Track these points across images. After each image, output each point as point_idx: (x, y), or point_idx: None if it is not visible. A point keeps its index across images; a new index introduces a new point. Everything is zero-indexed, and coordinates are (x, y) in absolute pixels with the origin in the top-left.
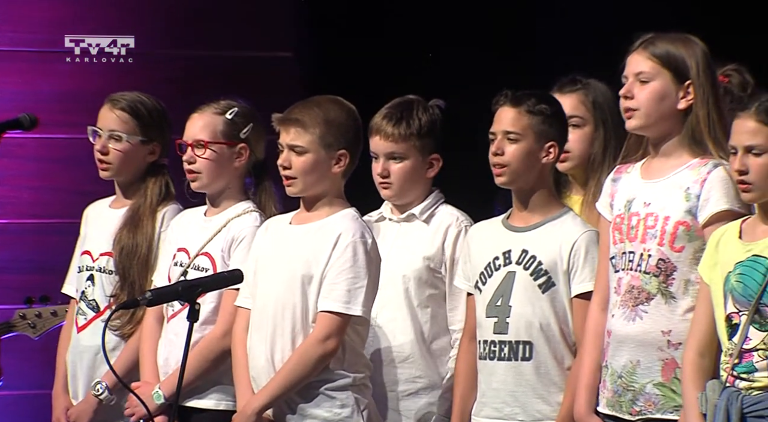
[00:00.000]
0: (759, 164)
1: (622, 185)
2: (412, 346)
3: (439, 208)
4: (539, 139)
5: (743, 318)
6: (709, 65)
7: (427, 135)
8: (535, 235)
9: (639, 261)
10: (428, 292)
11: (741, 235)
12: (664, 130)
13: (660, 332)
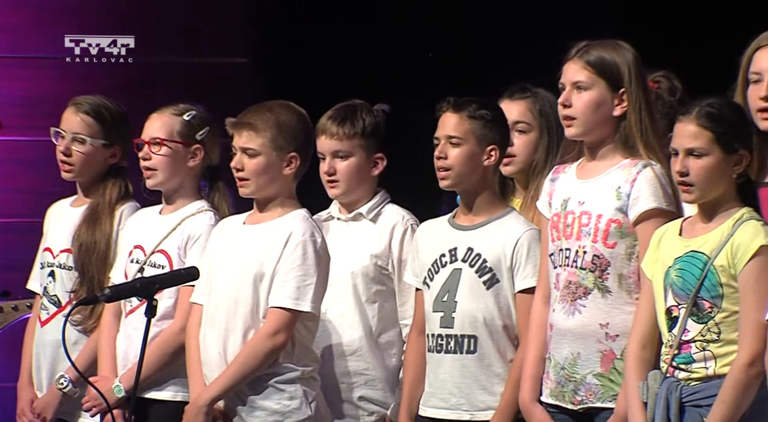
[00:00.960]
0: (699, 166)
1: (559, 185)
2: (360, 340)
3: (385, 208)
4: (481, 143)
5: (682, 311)
6: (640, 71)
7: (371, 135)
8: (480, 234)
9: (575, 257)
10: (376, 288)
11: (681, 232)
12: (600, 135)
13: (598, 325)
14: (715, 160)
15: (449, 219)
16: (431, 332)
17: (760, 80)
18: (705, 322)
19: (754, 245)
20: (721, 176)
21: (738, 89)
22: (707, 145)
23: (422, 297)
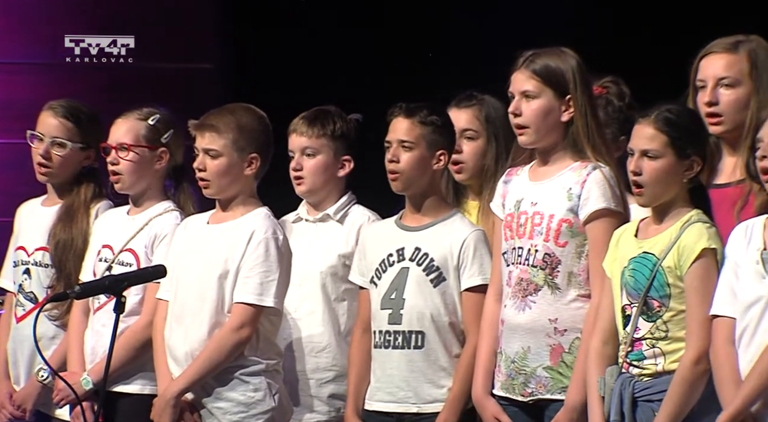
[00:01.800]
0: (653, 167)
1: (512, 186)
2: (329, 337)
3: (352, 209)
4: (431, 148)
5: (634, 310)
6: (585, 77)
7: (340, 138)
8: (427, 234)
9: (527, 255)
10: (344, 287)
11: (637, 234)
12: (551, 141)
13: (547, 320)
14: (668, 163)
15: (396, 220)
16: (379, 328)
17: (705, 87)
18: (654, 321)
19: (698, 247)
20: (672, 179)
21: (689, 96)
22: (662, 148)
23: (367, 295)
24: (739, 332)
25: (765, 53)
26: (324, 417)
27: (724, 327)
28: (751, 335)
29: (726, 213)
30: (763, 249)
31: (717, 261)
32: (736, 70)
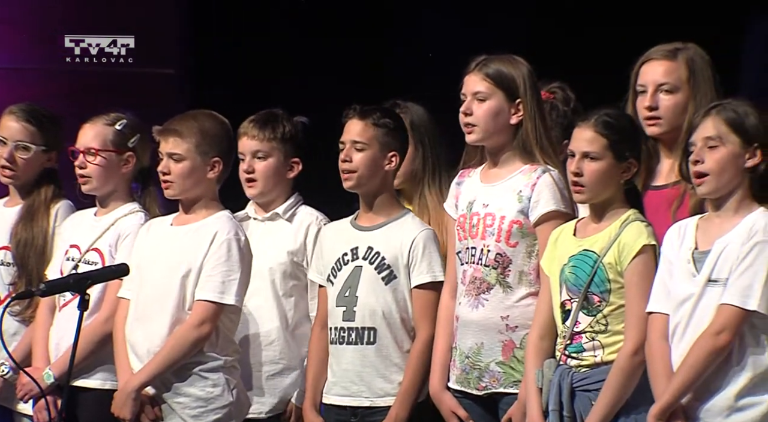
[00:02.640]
0: (593, 169)
1: (464, 188)
2: (277, 331)
3: (300, 208)
4: (383, 149)
5: (574, 305)
6: (534, 83)
7: (289, 140)
8: (379, 234)
9: (480, 255)
10: (292, 283)
11: (575, 233)
12: (499, 142)
13: (499, 317)
14: (607, 165)
15: (351, 220)
16: (334, 325)
17: (645, 91)
18: (594, 315)
19: (638, 244)
20: (611, 180)
21: (629, 100)
22: (601, 150)
23: (325, 293)
24: (672, 328)
25: (702, 61)
26: (267, 407)
27: (659, 323)
28: (683, 331)
29: (664, 214)
30: (695, 248)
31: (656, 257)
32: (675, 77)
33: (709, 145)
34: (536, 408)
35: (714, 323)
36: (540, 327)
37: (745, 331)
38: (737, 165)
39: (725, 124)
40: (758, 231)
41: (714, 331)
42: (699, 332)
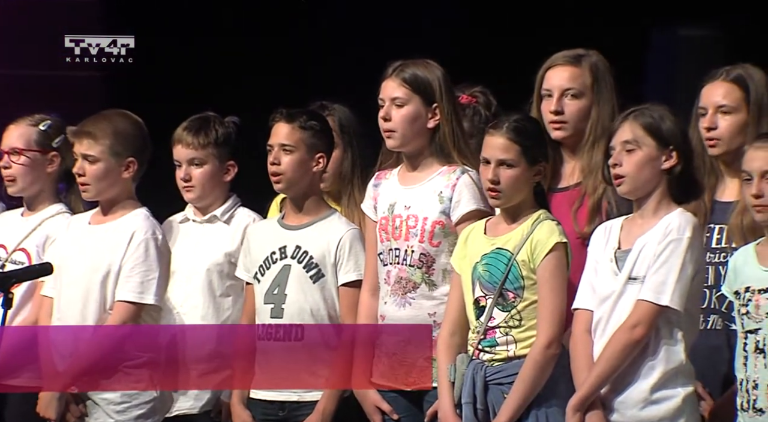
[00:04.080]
0: (509, 175)
1: (383, 190)
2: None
3: (237, 210)
4: (310, 151)
5: (489, 301)
6: (449, 87)
7: (223, 144)
8: (307, 233)
9: (404, 256)
10: (229, 283)
11: (486, 232)
12: (418, 146)
13: (427, 315)
14: (521, 171)
15: (279, 220)
16: (262, 322)
17: (550, 96)
18: (509, 310)
19: (550, 242)
20: (525, 184)
21: (534, 104)
22: (516, 157)
23: (252, 290)
24: (594, 323)
25: (604, 67)
26: (200, 403)
27: (583, 319)
28: (604, 326)
29: (566, 215)
30: (617, 248)
31: (567, 254)
32: (580, 82)
33: (627, 148)
34: (448, 402)
35: (630, 317)
36: (451, 323)
37: (660, 326)
38: (654, 167)
39: (641, 128)
40: (673, 230)
41: (630, 325)
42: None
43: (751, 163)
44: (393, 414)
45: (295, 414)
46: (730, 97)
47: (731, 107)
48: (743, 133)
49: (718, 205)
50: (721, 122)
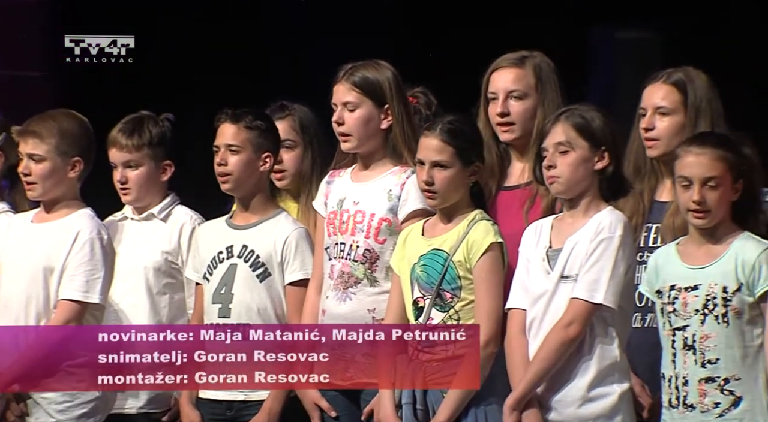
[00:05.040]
0: (443, 176)
1: (334, 187)
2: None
3: (175, 208)
4: (257, 151)
5: (427, 302)
6: (400, 87)
7: (158, 144)
8: (253, 232)
9: (349, 251)
10: (166, 281)
11: (423, 233)
12: (372, 147)
13: (366, 310)
14: (456, 172)
15: (227, 219)
16: (210, 322)
17: (496, 99)
18: (447, 310)
19: (485, 242)
20: (460, 184)
21: (481, 106)
22: (450, 158)
23: (202, 290)
24: (528, 322)
25: (548, 68)
26: (141, 403)
27: (517, 318)
28: (539, 325)
29: (516, 213)
30: (549, 247)
31: (503, 254)
32: (524, 84)
33: (560, 150)
34: (389, 402)
35: (564, 316)
36: (392, 322)
37: (594, 324)
38: (587, 168)
39: (574, 129)
40: (604, 229)
41: (564, 324)
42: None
43: (691, 168)
44: (331, 411)
45: (242, 413)
46: (669, 99)
47: (669, 109)
48: (681, 135)
49: (657, 205)
50: (659, 123)
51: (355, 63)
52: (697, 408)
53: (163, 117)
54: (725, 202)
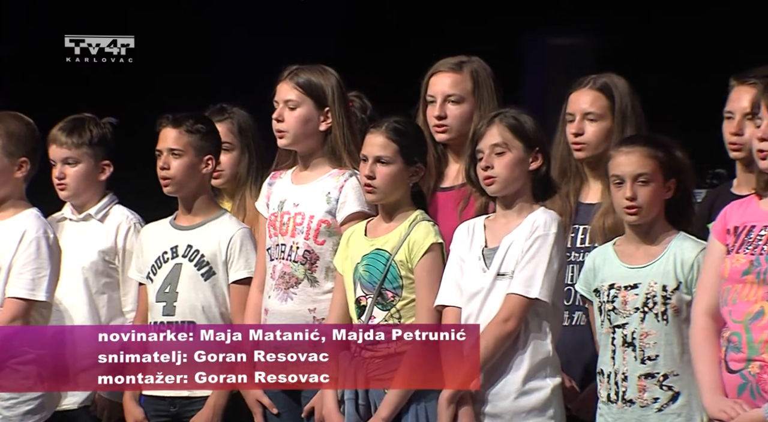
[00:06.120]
0: (385, 172)
1: (276, 188)
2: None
3: (113, 208)
4: (199, 153)
5: (369, 301)
6: (343, 92)
7: (98, 144)
8: (198, 233)
9: (289, 252)
10: (104, 281)
11: (366, 233)
12: (309, 146)
13: (307, 310)
14: (397, 168)
15: (170, 220)
16: (154, 320)
17: (434, 101)
18: (388, 309)
19: (426, 242)
20: (401, 183)
21: (420, 109)
22: (393, 155)
23: (145, 290)
24: (464, 319)
25: (485, 73)
26: (80, 399)
27: (451, 315)
28: (474, 322)
29: (451, 213)
30: (485, 246)
31: (442, 254)
32: (461, 88)
33: (497, 151)
34: (331, 399)
35: (501, 311)
36: (335, 321)
37: (529, 319)
38: (523, 168)
39: (509, 130)
40: (539, 227)
41: (501, 319)
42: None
43: (623, 167)
44: (273, 408)
45: (186, 409)
46: (597, 105)
47: (598, 114)
48: (608, 139)
49: (582, 207)
50: (588, 128)
51: (301, 65)
52: (637, 403)
53: (105, 120)
54: (657, 198)
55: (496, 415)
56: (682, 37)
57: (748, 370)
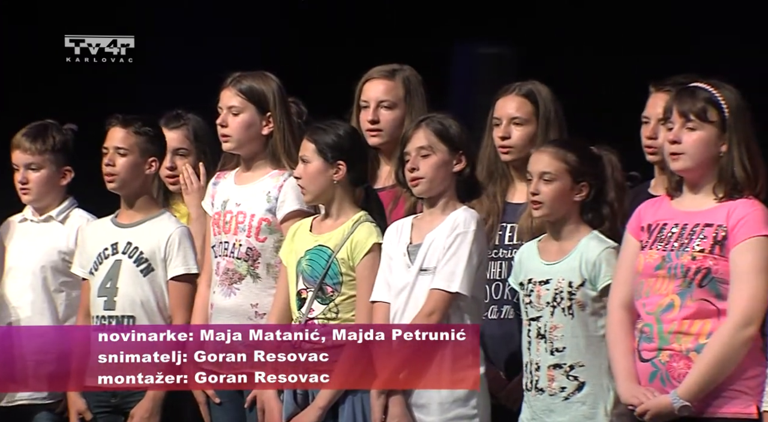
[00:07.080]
0: (306, 171)
1: (219, 188)
2: (48, 324)
3: (72, 211)
4: (143, 155)
5: (310, 294)
6: (284, 98)
7: (60, 150)
8: (138, 230)
9: (232, 249)
10: (62, 280)
11: (311, 229)
12: (252, 150)
13: (249, 305)
14: (317, 167)
15: (112, 218)
16: (96, 314)
17: (368, 107)
18: (327, 304)
19: (368, 243)
20: (324, 182)
21: (354, 113)
22: (311, 154)
23: (88, 285)
24: (392, 314)
25: (416, 80)
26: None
27: (381, 311)
28: (401, 316)
29: None
30: (410, 243)
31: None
32: (393, 94)
33: (422, 154)
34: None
35: (425, 305)
36: (278, 311)
37: (450, 312)
38: (447, 170)
39: (434, 134)
40: (459, 224)
41: (426, 313)
42: (414, 316)
43: (532, 165)
44: (215, 398)
45: (127, 400)
46: (523, 110)
47: (523, 119)
48: (533, 143)
49: (509, 206)
50: (515, 132)
51: (244, 72)
52: (546, 391)
53: (67, 127)
54: (561, 197)
55: (422, 406)
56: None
57: (658, 359)
